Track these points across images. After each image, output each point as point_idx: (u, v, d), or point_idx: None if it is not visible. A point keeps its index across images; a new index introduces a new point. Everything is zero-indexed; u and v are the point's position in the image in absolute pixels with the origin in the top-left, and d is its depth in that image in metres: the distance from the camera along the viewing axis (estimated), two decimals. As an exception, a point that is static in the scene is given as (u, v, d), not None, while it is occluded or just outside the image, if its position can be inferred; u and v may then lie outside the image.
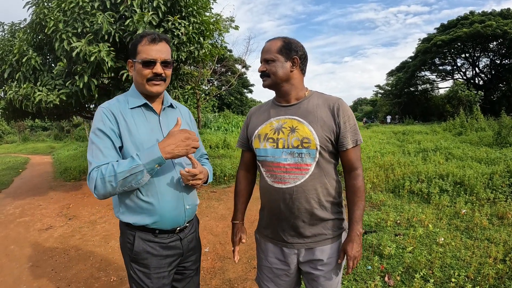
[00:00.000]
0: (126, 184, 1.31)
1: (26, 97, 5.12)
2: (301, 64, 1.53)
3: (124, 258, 1.56)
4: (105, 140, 1.38)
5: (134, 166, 1.29)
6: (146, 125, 1.48)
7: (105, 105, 1.47)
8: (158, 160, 1.31)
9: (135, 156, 1.32)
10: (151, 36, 1.44)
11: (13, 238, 4.45)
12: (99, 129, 1.39)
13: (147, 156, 1.31)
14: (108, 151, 1.37)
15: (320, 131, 1.45)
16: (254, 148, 1.61)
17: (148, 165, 1.31)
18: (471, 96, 24.72)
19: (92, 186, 1.32)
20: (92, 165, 1.34)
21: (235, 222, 1.76)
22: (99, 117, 1.42)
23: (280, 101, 1.59)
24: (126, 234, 1.50)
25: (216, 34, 8.24)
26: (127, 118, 1.44)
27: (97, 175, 1.30)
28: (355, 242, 1.46)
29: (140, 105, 1.49)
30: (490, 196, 4.75)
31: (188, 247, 1.60)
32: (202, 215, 4.96)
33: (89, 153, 1.39)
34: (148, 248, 1.47)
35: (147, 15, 4.84)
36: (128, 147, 1.42)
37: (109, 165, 1.32)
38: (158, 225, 1.46)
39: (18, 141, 34.90)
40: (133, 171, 1.29)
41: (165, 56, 1.46)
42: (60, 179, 9.19)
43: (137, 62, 1.44)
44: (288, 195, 1.48)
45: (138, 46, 1.44)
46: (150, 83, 1.45)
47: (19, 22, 6.16)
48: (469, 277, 2.79)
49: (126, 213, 1.46)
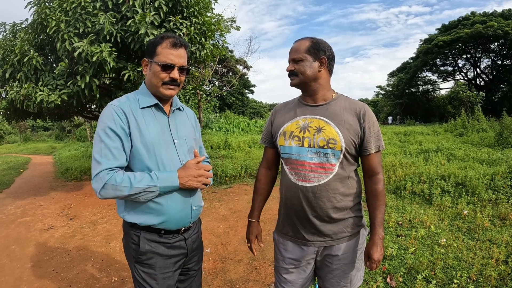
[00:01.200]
0: (135, 196, 1.35)
1: (27, 97, 5.12)
2: (328, 64, 1.55)
3: (127, 260, 1.55)
4: (116, 140, 1.37)
5: (151, 186, 1.34)
6: (156, 125, 1.48)
7: (116, 103, 1.45)
8: (175, 188, 1.41)
9: (154, 176, 1.36)
10: (172, 40, 1.44)
11: (14, 238, 4.45)
12: (110, 128, 1.37)
13: (166, 181, 1.38)
14: (118, 152, 1.37)
15: (346, 133, 1.48)
16: (278, 145, 1.62)
17: (164, 189, 1.38)
18: (472, 96, 24.70)
19: (98, 186, 1.31)
20: (102, 165, 1.32)
21: (251, 220, 1.78)
22: (109, 115, 1.39)
23: (307, 100, 1.60)
24: (130, 235, 1.48)
25: (218, 34, 8.24)
26: (137, 118, 1.43)
27: (109, 180, 1.30)
28: (378, 245, 1.49)
29: (151, 105, 1.48)
30: (492, 197, 4.74)
31: (192, 247, 1.60)
32: (203, 216, 4.96)
33: (96, 152, 1.36)
34: (153, 248, 1.46)
35: (149, 16, 4.84)
36: (138, 147, 1.41)
37: (124, 175, 1.33)
38: (164, 225, 1.45)
39: (19, 141, 34.97)
40: (148, 190, 1.35)
41: (183, 62, 1.47)
42: (61, 179, 9.19)
43: (155, 63, 1.43)
44: (312, 193, 1.50)
45: (158, 47, 1.43)
46: (165, 86, 1.46)
47: (21, 22, 6.18)
48: (471, 278, 2.78)
49: (132, 212, 1.45)
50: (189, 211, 1.52)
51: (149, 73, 1.47)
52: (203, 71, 14.73)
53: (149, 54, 1.46)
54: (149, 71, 1.48)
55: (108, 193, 1.31)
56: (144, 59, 1.50)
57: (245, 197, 5.99)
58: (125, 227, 1.52)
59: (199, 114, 18.12)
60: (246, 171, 7.88)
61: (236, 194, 6.22)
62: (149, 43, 1.48)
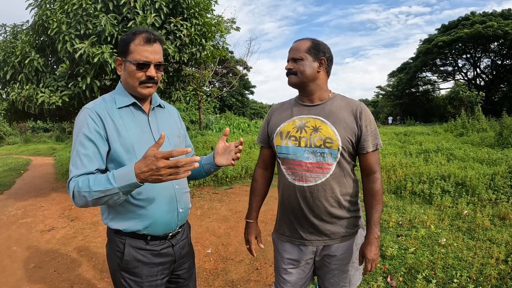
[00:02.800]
0: (101, 202, 1.19)
1: (28, 98, 5.14)
2: (327, 66, 1.57)
3: (110, 267, 1.45)
4: (88, 147, 1.27)
5: (108, 188, 1.15)
6: (136, 125, 1.38)
7: (90, 105, 1.34)
8: (133, 185, 1.15)
9: (111, 176, 1.17)
10: (146, 36, 1.33)
11: (16, 239, 4.47)
12: (83, 134, 1.28)
13: (123, 179, 1.15)
14: (88, 160, 1.27)
15: (343, 132, 1.49)
16: (274, 145, 1.62)
17: (124, 189, 1.16)
18: (472, 96, 24.70)
19: (70, 195, 1.24)
20: (71, 173, 1.26)
21: (249, 221, 1.77)
22: (83, 119, 1.30)
23: (304, 101, 1.61)
24: (114, 242, 1.39)
25: (218, 35, 8.27)
26: (115, 119, 1.33)
27: (74, 187, 1.21)
28: (373, 245, 1.48)
29: (129, 104, 1.39)
30: (492, 197, 4.75)
31: (181, 253, 1.53)
32: (204, 217, 4.97)
33: (71, 159, 1.30)
34: (139, 256, 1.38)
35: (150, 17, 4.86)
36: (117, 149, 1.32)
37: (85, 178, 1.20)
38: (150, 230, 1.37)
39: (19, 143, 34.99)
40: (108, 193, 1.16)
41: (159, 58, 1.37)
42: (62, 180, 9.20)
43: (130, 62, 1.33)
44: (309, 193, 1.51)
45: (131, 44, 1.33)
46: (143, 85, 1.36)
47: (22, 23, 6.20)
48: (471, 278, 2.79)
49: (116, 219, 1.36)
50: (175, 213, 1.44)
51: (124, 73, 1.38)
52: (203, 72, 14.75)
53: (122, 52, 1.35)
54: (123, 71, 1.38)
55: (78, 201, 1.21)
56: (118, 58, 1.38)
57: (245, 197, 6.00)
58: (109, 234, 1.44)
59: (200, 115, 18.14)
60: (246, 172, 7.89)
61: (237, 195, 6.24)
62: (121, 41, 1.37)
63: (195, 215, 5.04)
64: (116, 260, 1.39)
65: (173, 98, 7.01)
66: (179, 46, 5.51)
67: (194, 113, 25.07)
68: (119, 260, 1.38)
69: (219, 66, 23.13)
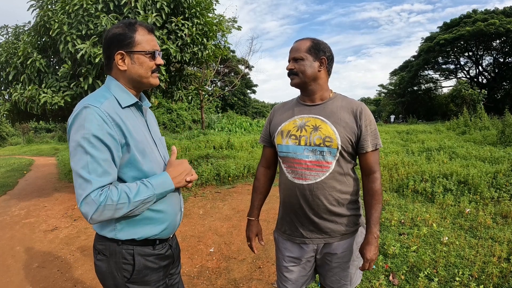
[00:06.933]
0: (131, 213, 1.20)
1: (31, 99, 5.16)
2: (328, 65, 1.58)
3: (108, 285, 1.32)
4: (104, 151, 1.16)
5: (149, 195, 1.20)
6: (139, 124, 1.34)
7: (95, 103, 1.19)
8: (171, 191, 1.30)
9: (148, 184, 1.21)
10: (146, 26, 1.33)
11: (19, 239, 4.49)
12: (95, 136, 1.14)
13: (161, 186, 1.25)
14: (109, 165, 1.17)
15: (342, 131, 1.50)
16: (276, 144, 1.65)
17: (161, 196, 1.26)
18: (474, 94, 24.65)
19: (90, 211, 1.11)
20: (93, 184, 1.11)
21: (250, 218, 1.80)
22: (92, 118, 1.15)
23: (305, 100, 1.63)
24: (120, 255, 1.27)
25: (219, 35, 8.28)
26: (125, 120, 1.25)
27: (104, 201, 1.11)
28: (372, 245, 1.49)
29: (132, 104, 1.33)
30: (494, 195, 4.74)
31: (177, 253, 1.54)
32: (207, 216, 4.99)
33: (82, 167, 1.13)
34: (149, 263, 1.32)
35: (151, 17, 4.87)
36: (135, 153, 1.25)
37: (120, 190, 1.16)
38: (164, 233, 1.35)
39: (22, 143, 35.09)
40: (146, 201, 1.20)
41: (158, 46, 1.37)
42: (64, 180, 9.24)
43: (141, 53, 1.29)
44: (309, 191, 1.52)
45: (136, 35, 1.28)
46: (154, 75, 1.35)
47: (23, 24, 6.21)
48: (473, 276, 2.79)
49: (127, 228, 1.26)
50: (180, 213, 1.46)
51: (133, 66, 1.30)
52: (205, 71, 14.77)
53: (126, 45, 1.28)
54: (131, 64, 1.30)
55: (104, 215, 1.13)
56: (120, 52, 1.28)
57: (248, 197, 6.01)
58: (110, 247, 1.28)
59: (202, 115, 18.15)
60: (249, 171, 7.90)
61: (239, 194, 6.25)
62: (119, 34, 1.28)
63: (197, 214, 5.06)
64: (123, 274, 1.28)
65: (175, 98, 7.02)
66: (181, 45, 5.51)
67: (196, 112, 25.12)
68: (127, 273, 1.28)
69: (221, 66, 23.17)
